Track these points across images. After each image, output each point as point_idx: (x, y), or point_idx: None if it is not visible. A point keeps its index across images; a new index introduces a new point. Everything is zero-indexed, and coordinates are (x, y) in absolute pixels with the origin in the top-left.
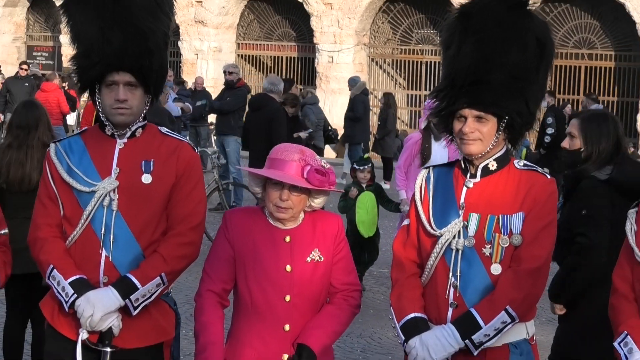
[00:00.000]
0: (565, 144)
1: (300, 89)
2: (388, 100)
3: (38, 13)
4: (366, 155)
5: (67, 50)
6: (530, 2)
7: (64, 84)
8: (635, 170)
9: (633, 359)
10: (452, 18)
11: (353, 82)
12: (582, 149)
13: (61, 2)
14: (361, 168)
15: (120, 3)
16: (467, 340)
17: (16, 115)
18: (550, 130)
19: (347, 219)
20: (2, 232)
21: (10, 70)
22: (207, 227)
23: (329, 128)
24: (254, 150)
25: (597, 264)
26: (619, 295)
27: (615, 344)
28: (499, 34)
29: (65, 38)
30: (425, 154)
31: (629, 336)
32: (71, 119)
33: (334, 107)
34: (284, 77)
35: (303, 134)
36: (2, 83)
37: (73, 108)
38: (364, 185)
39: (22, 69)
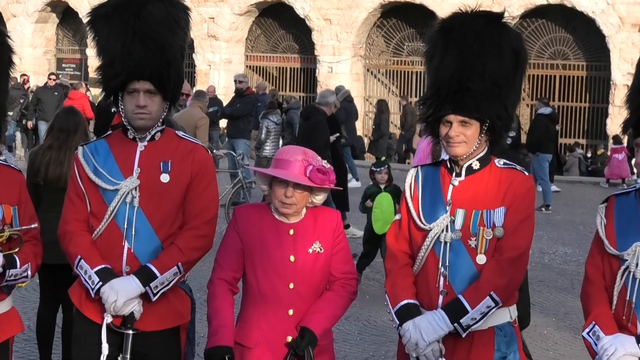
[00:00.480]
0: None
1: (282, 96)
2: (381, 106)
3: (66, 29)
4: (383, 158)
5: (93, 62)
6: (509, 17)
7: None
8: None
9: (600, 343)
10: (434, 31)
11: (337, 90)
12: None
13: (88, 18)
14: (378, 170)
15: (141, 20)
16: (455, 324)
17: (58, 120)
18: (512, 134)
19: (367, 217)
20: (32, 226)
21: (41, 81)
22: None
23: None
24: None
25: None
26: (591, 283)
27: (584, 334)
28: (478, 46)
29: (91, 51)
30: (435, 155)
31: (596, 326)
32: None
33: (341, 80)
34: (287, 85)
35: (332, 137)
36: (32, 92)
37: None
38: (382, 186)
39: (50, 79)
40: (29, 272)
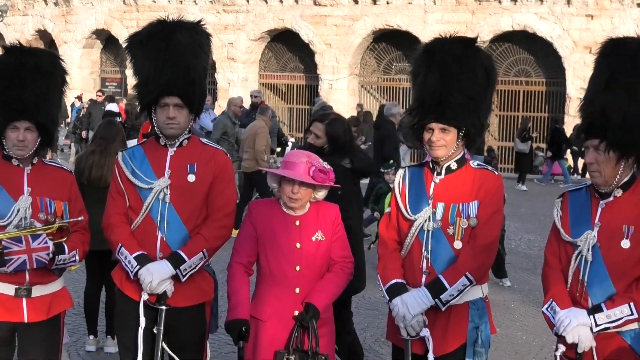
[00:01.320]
0: (312, 140)
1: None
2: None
3: (109, 53)
4: (391, 161)
5: (131, 81)
6: (481, 42)
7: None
8: (364, 157)
9: (557, 316)
10: (419, 54)
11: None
12: (325, 146)
13: (126, 44)
14: (387, 171)
15: (170, 46)
16: (436, 299)
17: (101, 129)
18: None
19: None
20: (79, 218)
21: (87, 97)
22: None
23: (283, 135)
24: (374, 156)
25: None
26: (550, 267)
27: (544, 309)
28: (456, 66)
29: (129, 72)
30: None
31: (554, 302)
32: None
33: (339, 95)
34: (294, 99)
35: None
36: (86, 107)
37: None
38: (391, 185)
39: (98, 95)
40: (77, 257)
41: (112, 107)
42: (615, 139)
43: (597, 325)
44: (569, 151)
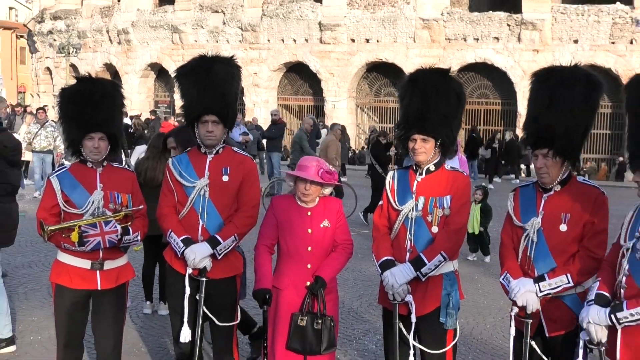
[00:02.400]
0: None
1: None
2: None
3: (160, 81)
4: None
5: (178, 103)
6: (452, 71)
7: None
8: None
9: (510, 285)
10: (405, 81)
11: (309, 117)
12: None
13: (174, 75)
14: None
15: (209, 76)
16: (418, 272)
17: (153, 141)
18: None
19: None
20: (140, 207)
21: (143, 116)
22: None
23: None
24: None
25: None
26: (504, 246)
27: (500, 279)
28: (433, 91)
29: (177, 96)
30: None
31: (508, 274)
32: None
33: (339, 113)
34: (304, 117)
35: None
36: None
37: None
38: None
39: (151, 115)
40: (139, 238)
41: (126, 120)
42: (560, 147)
43: (540, 291)
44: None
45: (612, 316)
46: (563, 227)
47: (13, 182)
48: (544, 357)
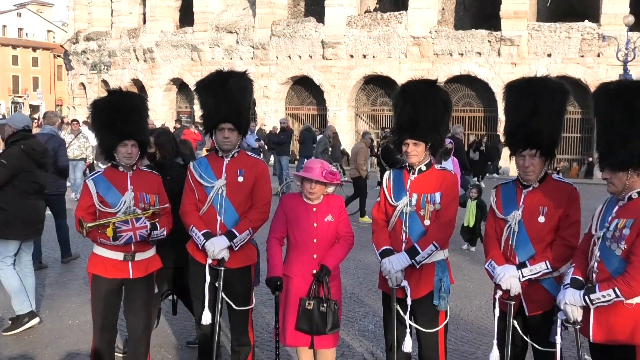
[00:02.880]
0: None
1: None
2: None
3: (182, 93)
4: (475, 181)
5: (197, 113)
6: (439, 82)
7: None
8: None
9: (496, 271)
10: (398, 92)
11: (305, 125)
12: (157, 155)
13: (194, 88)
14: (471, 187)
15: (225, 89)
16: (412, 260)
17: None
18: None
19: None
20: (166, 205)
21: (167, 125)
22: None
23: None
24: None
25: None
26: (488, 236)
27: (485, 266)
28: (423, 100)
29: (196, 107)
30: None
31: (492, 261)
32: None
33: (340, 121)
34: (309, 123)
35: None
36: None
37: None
38: (470, 199)
39: (176, 124)
40: (165, 233)
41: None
42: (546, 149)
43: (523, 277)
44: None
45: (586, 297)
46: (541, 219)
47: (40, 182)
48: (523, 335)
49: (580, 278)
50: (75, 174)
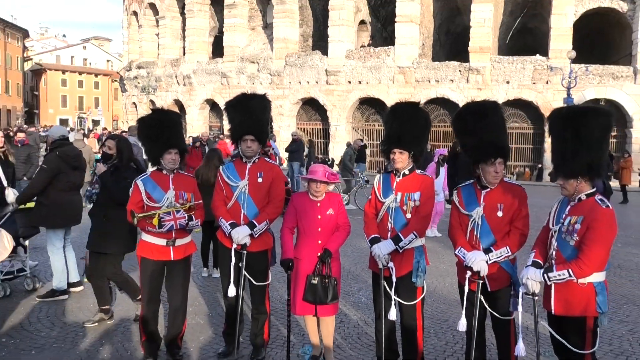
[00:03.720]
0: (106, 150)
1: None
2: (311, 144)
3: (214, 111)
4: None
5: (226, 127)
6: (420, 104)
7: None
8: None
9: (467, 256)
10: (387, 111)
11: (292, 133)
12: (114, 157)
13: (224, 107)
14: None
15: (249, 108)
16: (397, 246)
17: (208, 153)
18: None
19: None
20: (200, 202)
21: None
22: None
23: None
24: (449, 178)
25: None
26: (454, 227)
27: (456, 252)
28: (408, 118)
29: (225, 122)
30: (437, 172)
31: (462, 248)
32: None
33: (338, 150)
34: (315, 136)
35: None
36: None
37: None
38: None
39: (207, 134)
40: (199, 224)
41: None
42: (506, 158)
43: (490, 260)
44: None
45: (545, 275)
46: (499, 214)
47: (74, 181)
48: (487, 307)
49: (540, 261)
50: None
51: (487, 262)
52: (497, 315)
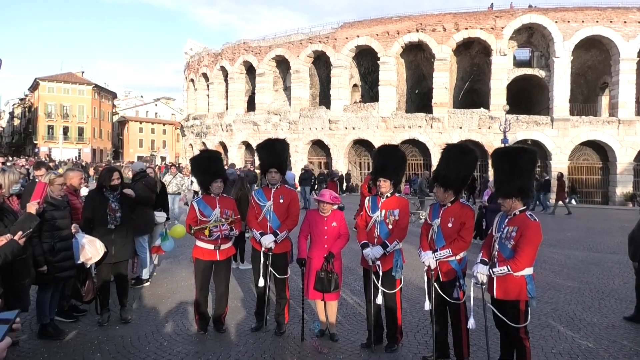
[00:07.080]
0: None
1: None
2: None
3: (248, 150)
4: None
5: (257, 162)
6: (398, 145)
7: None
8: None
9: (421, 254)
10: (375, 152)
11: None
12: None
13: (256, 148)
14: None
15: (274, 149)
16: (385, 250)
17: (236, 181)
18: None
19: None
20: (238, 217)
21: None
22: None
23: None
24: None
25: None
26: (422, 234)
27: (418, 252)
28: (389, 155)
29: (256, 157)
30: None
31: (420, 249)
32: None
33: (339, 166)
34: (322, 167)
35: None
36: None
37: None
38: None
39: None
40: (237, 233)
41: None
42: (454, 186)
43: (436, 258)
44: None
45: (490, 270)
46: (450, 225)
47: (151, 201)
48: (441, 292)
49: (486, 259)
50: (174, 205)
51: (434, 259)
52: (449, 299)
